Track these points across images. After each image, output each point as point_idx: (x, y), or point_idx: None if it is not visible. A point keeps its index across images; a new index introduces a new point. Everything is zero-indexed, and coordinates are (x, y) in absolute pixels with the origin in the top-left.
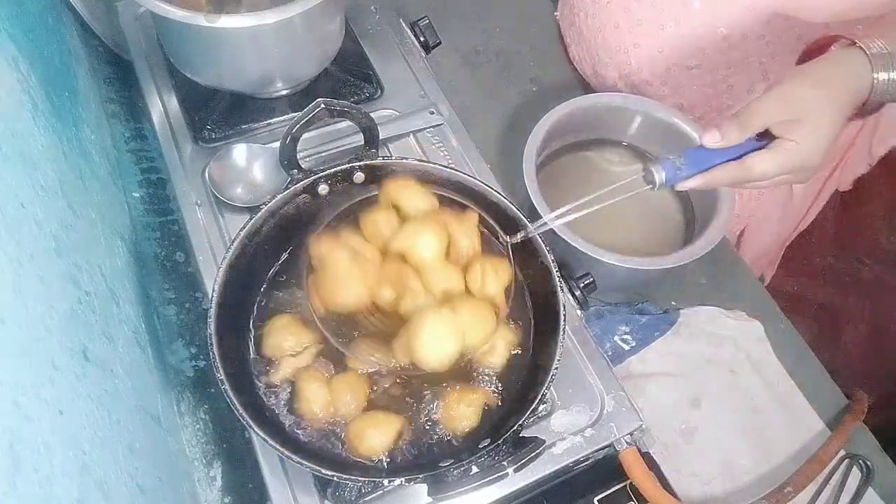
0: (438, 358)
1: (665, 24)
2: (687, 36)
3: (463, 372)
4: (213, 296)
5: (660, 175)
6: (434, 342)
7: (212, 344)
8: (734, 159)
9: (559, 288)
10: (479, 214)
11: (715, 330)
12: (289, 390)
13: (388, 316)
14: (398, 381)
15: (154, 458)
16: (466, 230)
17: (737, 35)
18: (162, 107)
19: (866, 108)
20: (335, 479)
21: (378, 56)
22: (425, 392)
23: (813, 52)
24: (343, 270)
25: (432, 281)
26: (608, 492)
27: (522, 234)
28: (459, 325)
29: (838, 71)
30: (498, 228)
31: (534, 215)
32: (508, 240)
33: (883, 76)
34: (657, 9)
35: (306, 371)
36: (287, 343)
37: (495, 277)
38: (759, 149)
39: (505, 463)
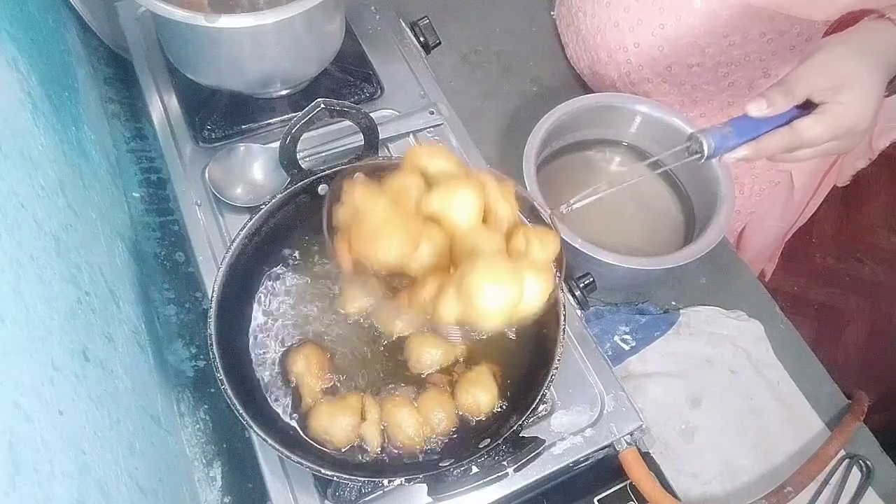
0: (498, 308)
1: (665, 22)
2: (688, 34)
3: None
4: (213, 296)
5: (709, 144)
6: (493, 289)
7: (212, 344)
8: (780, 126)
9: (559, 288)
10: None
11: (715, 330)
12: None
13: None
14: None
15: (154, 458)
16: (505, 195)
17: (737, 33)
18: (162, 107)
19: (894, 86)
20: (335, 479)
21: (378, 56)
22: None
23: (839, 28)
24: (385, 217)
25: (472, 244)
26: (608, 492)
27: (566, 207)
28: (518, 274)
29: (873, 39)
30: (535, 202)
31: (534, 215)
32: (551, 211)
33: None
34: (658, 7)
35: (391, 399)
36: (351, 421)
37: (541, 246)
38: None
39: (505, 463)
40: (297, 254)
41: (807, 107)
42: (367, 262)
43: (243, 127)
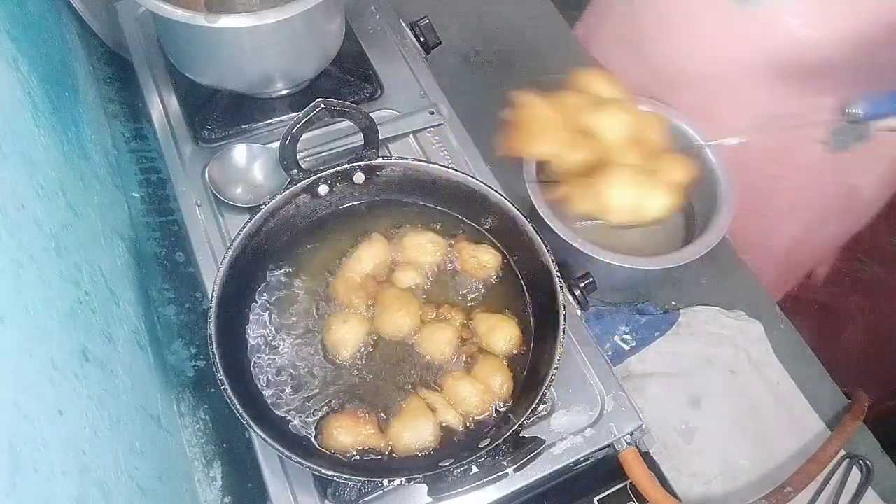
0: (623, 205)
1: (756, 60)
2: (774, 66)
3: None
4: (213, 296)
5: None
6: (620, 191)
7: (212, 344)
8: None
9: (559, 288)
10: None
11: (715, 330)
12: (290, 386)
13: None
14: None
15: (154, 458)
16: (654, 124)
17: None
18: (162, 107)
19: None
20: (335, 479)
21: (378, 56)
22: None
23: None
24: (545, 118)
25: (615, 156)
26: (608, 492)
27: (723, 140)
28: (643, 183)
29: None
30: (689, 129)
31: (534, 215)
32: (703, 142)
33: None
34: (742, 38)
35: (450, 374)
36: (428, 421)
37: (672, 168)
38: None
39: (505, 463)
40: (297, 254)
41: None
42: (525, 153)
43: (243, 127)
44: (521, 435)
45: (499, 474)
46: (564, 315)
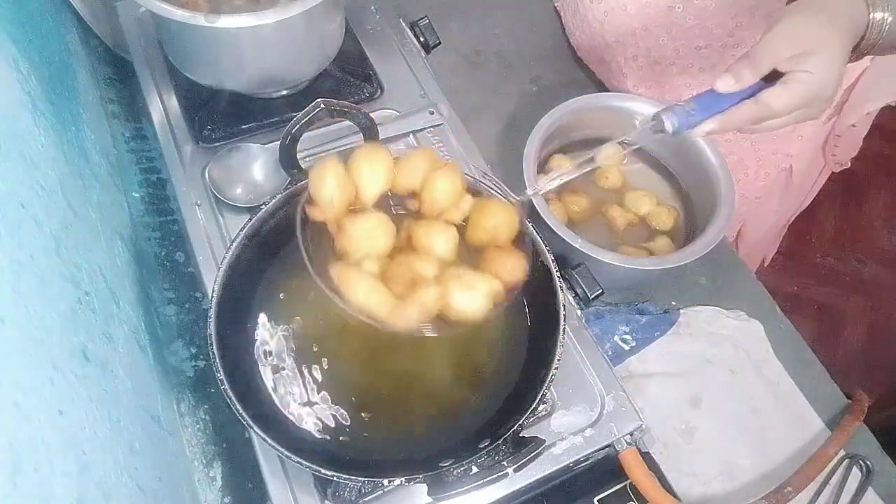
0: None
1: (674, 4)
2: (696, 16)
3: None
4: (213, 296)
5: (671, 121)
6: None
7: (212, 344)
8: (746, 99)
9: (559, 288)
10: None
11: (715, 330)
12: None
13: None
14: None
15: (154, 458)
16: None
17: (745, 14)
18: (162, 107)
19: (861, 49)
20: (335, 479)
21: (378, 56)
22: None
23: None
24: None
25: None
26: (608, 492)
27: (531, 190)
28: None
29: (836, 3)
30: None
31: (534, 215)
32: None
33: (878, 16)
34: None
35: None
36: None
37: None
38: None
39: (505, 463)
40: (298, 254)
41: (772, 77)
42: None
43: (243, 127)
44: (521, 435)
45: (499, 474)
46: (564, 315)
